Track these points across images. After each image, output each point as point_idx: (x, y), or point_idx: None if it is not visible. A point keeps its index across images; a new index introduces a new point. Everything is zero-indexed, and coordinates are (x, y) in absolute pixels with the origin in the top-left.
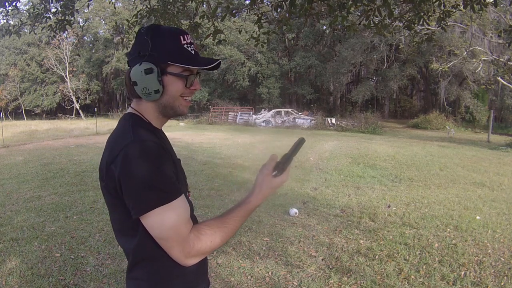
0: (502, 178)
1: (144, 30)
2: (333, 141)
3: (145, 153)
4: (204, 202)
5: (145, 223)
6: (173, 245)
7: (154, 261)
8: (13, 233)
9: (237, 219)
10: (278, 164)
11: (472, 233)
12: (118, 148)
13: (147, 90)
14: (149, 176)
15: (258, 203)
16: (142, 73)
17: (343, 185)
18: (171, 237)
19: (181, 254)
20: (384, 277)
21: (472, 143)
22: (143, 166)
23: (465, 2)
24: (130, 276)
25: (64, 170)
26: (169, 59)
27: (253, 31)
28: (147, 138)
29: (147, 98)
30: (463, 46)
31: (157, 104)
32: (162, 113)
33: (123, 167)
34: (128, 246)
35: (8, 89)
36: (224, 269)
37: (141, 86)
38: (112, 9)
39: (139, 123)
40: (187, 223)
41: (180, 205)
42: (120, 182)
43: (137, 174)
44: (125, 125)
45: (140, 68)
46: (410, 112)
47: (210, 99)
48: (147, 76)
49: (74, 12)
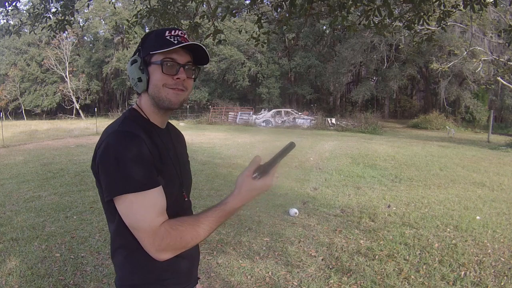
0: (502, 178)
1: (147, 34)
2: (333, 141)
3: (124, 142)
4: (204, 202)
5: (118, 209)
6: (143, 236)
7: (130, 249)
8: (13, 233)
9: (212, 219)
10: (260, 166)
11: (472, 233)
12: (104, 136)
13: (134, 80)
14: (123, 163)
15: (236, 205)
16: (129, 65)
17: (343, 185)
18: (142, 227)
19: (151, 246)
20: (384, 277)
21: (472, 143)
22: (120, 153)
23: (465, 2)
24: (113, 261)
25: (64, 170)
26: (150, 50)
27: (253, 31)
28: (131, 129)
29: (136, 88)
30: (463, 46)
31: (149, 96)
32: (155, 105)
33: (102, 153)
34: (110, 231)
35: (8, 89)
36: (224, 269)
37: (131, 78)
38: (112, 9)
39: (133, 117)
40: (159, 215)
41: (154, 196)
42: (98, 167)
43: (113, 159)
44: (120, 117)
45: (130, 62)
46: (410, 112)
47: (210, 99)
48: (132, 67)
49: (74, 12)
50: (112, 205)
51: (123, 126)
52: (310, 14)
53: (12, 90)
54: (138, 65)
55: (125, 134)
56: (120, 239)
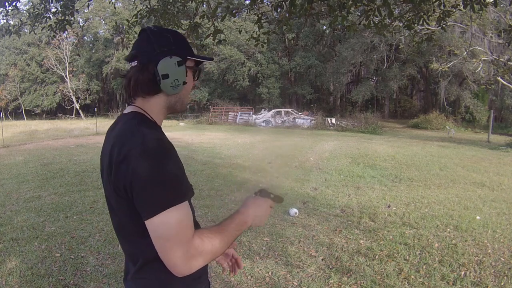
0: (502, 178)
1: (158, 28)
2: (333, 141)
3: (163, 152)
4: (204, 202)
5: (152, 222)
6: (175, 246)
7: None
8: (13, 233)
9: (233, 226)
10: (260, 189)
11: (472, 233)
12: (128, 147)
13: (178, 82)
14: (163, 176)
15: (247, 213)
16: (176, 65)
17: (343, 185)
18: (176, 238)
19: (184, 257)
20: (384, 277)
21: (472, 143)
22: (162, 164)
23: (465, 2)
24: (138, 276)
25: (64, 170)
26: (187, 54)
27: (253, 31)
28: (159, 137)
29: (173, 90)
30: (463, 46)
31: (171, 98)
32: (170, 108)
33: (136, 167)
34: (136, 247)
35: (8, 89)
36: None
37: (172, 78)
38: (112, 9)
39: (146, 122)
40: (193, 224)
41: (187, 205)
42: (132, 182)
43: (150, 173)
44: (132, 123)
45: (173, 60)
46: (410, 112)
47: (210, 99)
48: (179, 68)
49: (74, 12)
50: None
51: (150, 133)
52: (310, 14)
53: (12, 90)
54: (185, 69)
55: (159, 143)
56: (154, 252)
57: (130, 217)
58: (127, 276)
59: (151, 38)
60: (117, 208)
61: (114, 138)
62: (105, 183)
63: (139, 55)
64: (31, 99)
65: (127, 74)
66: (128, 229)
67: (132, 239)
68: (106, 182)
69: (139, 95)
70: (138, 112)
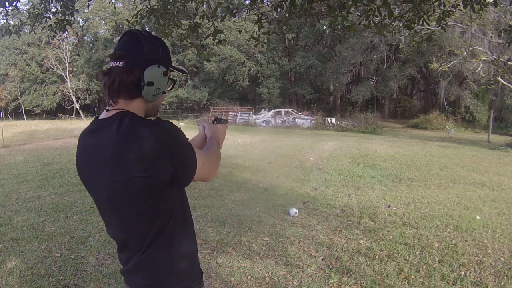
0: (502, 178)
1: (149, 34)
2: (333, 141)
3: (177, 128)
4: (204, 202)
5: (198, 172)
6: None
7: (172, 240)
8: (13, 233)
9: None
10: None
11: (472, 233)
12: (156, 137)
13: (159, 91)
14: (188, 142)
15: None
16: (161, 75)
17: (343, 185)
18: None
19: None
20: (384, 277)
21: (472, 143)
22: (183, 136)
23: (465, 2)
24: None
25: (64, 170)
26: (169, 65)
27: (253, 31)
28: (165, 120)
29: (153, 97)
30: (463, 46)
31: (148, 104)
32: (147, 113)
33: (171, 143)
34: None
35: (8, 89)
36: (224, 269)
37: (156, 87)
38: (112, 9)
39: (142, 117)
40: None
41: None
42: (173, 157)
43: (183, 143)
44: (135, 119)
45: (160, 70)
46: (410, 112)
47: (210, 99)
48: (163, 78)
49: (74, 12)
50: (156, 207)
51: (159, 121)
52: (310, 14)
53: (12, 90)
54: (167, 78)
55: (170, 123)
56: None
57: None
58: (128, 263)
59: (142, 43)
60: (126, 203)
61: (119, 138)
62: (109, 182)
63: (126, 56)
64: (31, 99)
65: (110, 72)
66: (137, 219)
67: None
68: (112, 181)
69: (121, 97)
70: (128, 111)
